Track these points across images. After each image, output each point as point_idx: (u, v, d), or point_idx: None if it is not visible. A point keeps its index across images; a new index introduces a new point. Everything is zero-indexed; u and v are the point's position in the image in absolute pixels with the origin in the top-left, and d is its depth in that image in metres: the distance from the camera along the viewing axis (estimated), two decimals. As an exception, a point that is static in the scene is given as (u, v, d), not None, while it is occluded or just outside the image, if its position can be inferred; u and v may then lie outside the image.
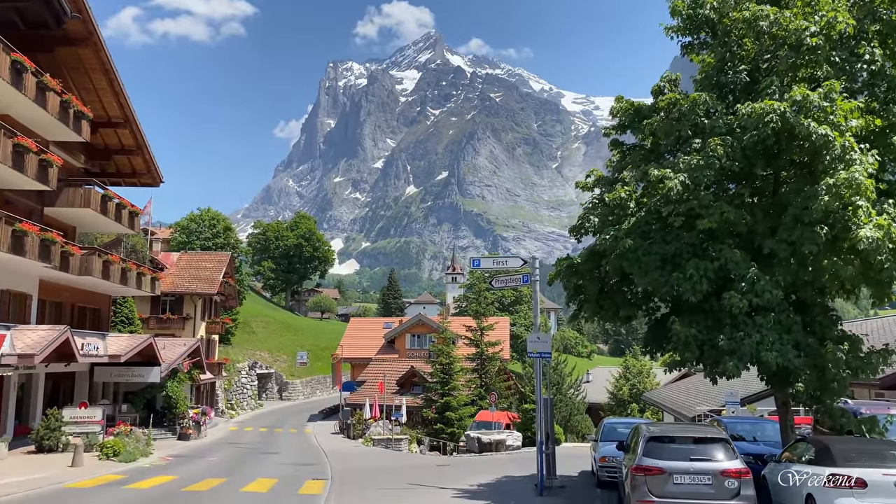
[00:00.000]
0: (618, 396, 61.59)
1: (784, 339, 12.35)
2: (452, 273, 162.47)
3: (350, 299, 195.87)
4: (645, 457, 11.21)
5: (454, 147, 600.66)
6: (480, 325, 45.49)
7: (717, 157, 12.58)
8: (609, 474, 15.90)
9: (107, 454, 22.46)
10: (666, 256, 13.38)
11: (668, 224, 13.54)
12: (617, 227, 14.09)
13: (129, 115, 31.49)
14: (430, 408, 41.94)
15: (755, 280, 12.44)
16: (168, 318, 47.26)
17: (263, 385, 70.69)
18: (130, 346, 31.12)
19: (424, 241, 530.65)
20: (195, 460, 24.52)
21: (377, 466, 23.72)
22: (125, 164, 34.59)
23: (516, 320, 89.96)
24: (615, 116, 15.59)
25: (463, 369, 43.80)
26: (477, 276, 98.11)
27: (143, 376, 34.10)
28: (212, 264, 50.63)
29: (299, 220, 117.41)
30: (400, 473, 21.19)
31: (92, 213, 29.43)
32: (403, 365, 50.52)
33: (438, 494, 15.94)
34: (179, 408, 36.46)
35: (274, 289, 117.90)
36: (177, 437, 36.14)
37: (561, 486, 15.87)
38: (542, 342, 15.62)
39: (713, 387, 37.67)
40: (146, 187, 36.37)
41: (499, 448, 27.14)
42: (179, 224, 78.51)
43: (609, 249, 14.03)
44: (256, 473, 20.00)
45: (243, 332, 78.77)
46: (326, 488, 16.83)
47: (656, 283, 13.26)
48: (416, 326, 59.40)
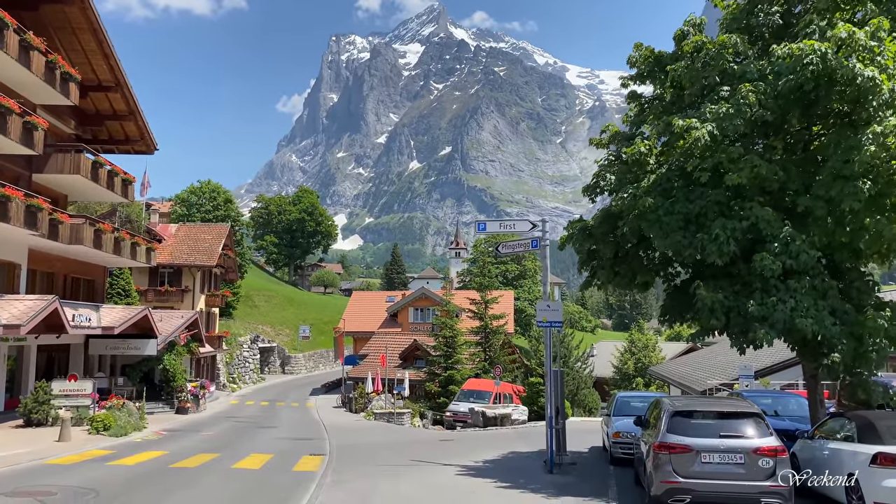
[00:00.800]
0: (623, 370, 61.08)
1: (819, 306, 11.27)
2: (456, 248, 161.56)
3: (353, 274, 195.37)
4: (669, 433, 10.13)
5: (458, 122, 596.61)
6: (485, 298, 44.52)
7: (749, 105, 11.41)
8: (623, 451, 14.95)
9: (97, 428, 21.60)
10: (689, 216, 12.27)
11: (693, 181, 12.41)
12: (636, 186, 12.96)
13: (120, 78, 30.27)
14: (434, 381, 41.15)
15: (789, 240, 11.33)
16: (166, 291, 46.40)
17: (265, 359, 70.18)
18: (125, 317, 30.23)
19: (428, 216, 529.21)
20: (190, 435, 23.69)
21: (378, 441, 22.84)
22: (118, 131, 33.42)
23: (520, 294, 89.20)
24: (633, 66, 14.34)
25: (467, 342, 42.92)
26: (481, 251, 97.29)
27: (140, 349, 33.30)
28: (211, 236, 49.63)
29: (302, 194, 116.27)
30: (401, 449, 20.31)
31: (82, 181, 28.34)
32: (406, 339, 49.70)
33: (442, 472, 15.03)
34: (177, 381, 35.67)
35: (277, 263, 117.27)
36: (174, 410, 35.42)
37: (572, 463, 14.93)
38: (552, 311, 14.56)
39: (721, 360, 36.79)
40: (140, 154, 35.24)
41: (504, 422, 26.22)
42: (179, 196, 77.44)
43: (627, 209, 12.91)
44: (251, 449, 19.12)
45: (245, 306, 78.14)
46: (323, 465, 15.92)
47: (678, 245, 12.15)
48: (419, 300, 58.52)
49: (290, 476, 14.33)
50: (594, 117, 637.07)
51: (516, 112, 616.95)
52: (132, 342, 33.13)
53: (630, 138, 14.24)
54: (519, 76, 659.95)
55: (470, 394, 35.40)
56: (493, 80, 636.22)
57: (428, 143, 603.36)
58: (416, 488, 13.05)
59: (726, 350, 38.60)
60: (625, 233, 13.18)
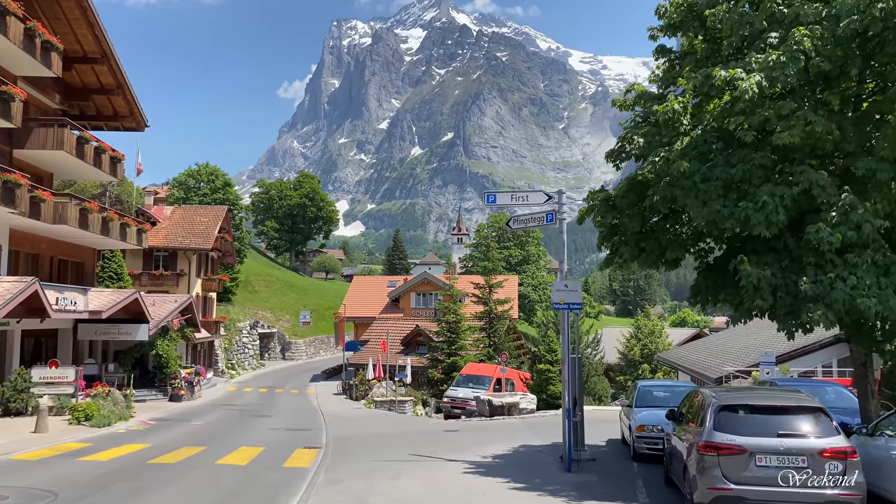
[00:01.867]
0: (629, 357, 59.87)
1: (882, 283, 9.80)
2: (458, 234, 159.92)
3: (355, 261, 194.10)
4: (717, 431, 8.63)
5: (460, 107, 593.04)
6: (489, 282, 43.07)
7: (803, 52, 9.88)
8: (649, 446, 13.51)
9: (77, 418, 20.23)
10: (730, 182, 10.77)
11: (735, 142, 10.90)
12: (668, 148, 11.45)
13: (106, 49, 28.68)
14: (436, 368, 39.80)
15: (849, 209, 9.83)
16: (161, 275, 44.98)
17: (265, 345, 69.01)
18: (113, 301, 28.82)
19: (430, 202, 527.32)
20: (179, 425, 22.34)
21: (378, 432, 21.45)
22: (106, 106, 31.88)
23: (524, 280, 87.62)
24: (662, 17, 12.74)
25: (471, 328, 41.53)
26: (484, 235, 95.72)
27: (131, 334, 31.96)
28: (207, 218, 48.16)
29: (303, 179, 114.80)
30: (403, 441, 18.91)
31: (66, 157, 26.83)
32: (408, 324, 48.35)
33: (446, 469, 13.61)
34: (170, 368, 34.36)
35: (278, 249, 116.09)
36: (168, 398, 34.16)
37: (591, 460, 13.53)
38: (570, 291, 13.09)
39: (735, 346, 35.21)
40: (131, 131, 33.69)
41: (511, 411, 24.79)
42: (177, 180, 75.92)
43: (659, 175, 11.40)
44: (242, 441, 17.74)
45: (245, 291, 76.94)
46: (317, 460, 14.53)
47: (717, 215, 10.65)
48: (421, 285, 57.11)
49: (280, 474, 12.92)
50: (597, 103, 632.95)
51: (519, 98, 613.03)
52: (123, 327, 31.78)
53: (659, 98, 12.70)
54: (521, 61, 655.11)
55: (469, 379, 34.04)
56: (496, 66, 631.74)
57: (430, 128, 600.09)
58: (419, 489, 11.63)
59: (738, 336, 37.22)
60: (654, 202, 11.66)
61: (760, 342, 31.34)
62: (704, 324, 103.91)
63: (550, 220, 13.94)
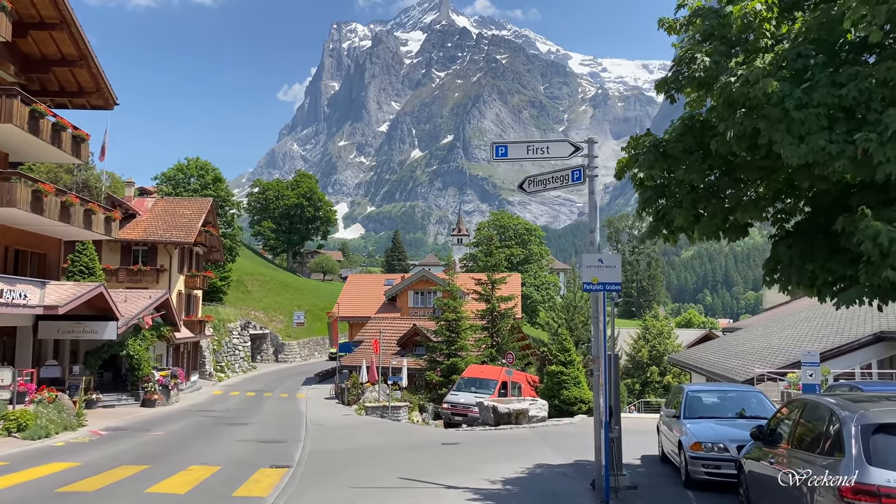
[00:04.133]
0: (636, 359, 57.02)
1: None
2: (458, 234, 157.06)
3: (355, 263, 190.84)
4: (873, 465, 5.59)
5: (459, 110, 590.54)
6: (491, 278, 39.93)
7: None
8: (709, 470, 10.35)
9: (8, 429, 17.13)
10: (837, 107, 7.74)
11: (844, 53, 7.86)
12: (746, 65, 8.39)
13: (65, 14, 25.57)
14: (435, 370, 36.66)
15: None
16: (139, 270, 41.84)
17: (258, 346, 65.91)
18: (74, 295, 25.75)
19: (430, 205, 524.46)
20: (135, 435, 19.23)
21: (365, 445, 18.29)
22: (69, 80, 28.76)
23: (526, 280, 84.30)
24: None
25: (472, 327, 38.40)
26: (485, 234, 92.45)
27: (97, 332, 28.96)
28: (190, 210, 45.07)
29: (300, 178, 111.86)
30: (392, 457, 15.75)
31: (17, 132, 23.65)
32: (405, 323, 45.19)
33: (444, 500, 10.49)
34: (143, 370, 31.29)
35: (275, 250, 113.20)
36: (140, 403, 31.08)
37: (632, 487, 10.42)
38: (606, 267, 9.95)
39: (757, 346, 31.64)
40: (99, 110, 30.52)
41: (519, 419, 21.51)
42: (165, 175, 72.67)
43: (733, 103, 8.32)
44: (195, 458, 14.62)
45: (237, 291, 73.91)
46: (280, 485, 11.43)
47: (821, 154, 7.59)
48: (419, 283, 53.95)
49: (226, 505, 9.84)
50: (597, 105, 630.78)
51: (518, 100, 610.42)
52: (88, 325, 28.77)
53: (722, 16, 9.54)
54: (521, 64, 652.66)
55: (471, 382, 30.87)
56: (496, 68, 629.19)
57: (430, 131, 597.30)
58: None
59: (756, 336, 33.88)
60: (728, 141, 8.55)
61: (784, 342, 28.14)
62: (711, 325, 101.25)
63: (577, 177, 10.83)
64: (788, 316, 35.57)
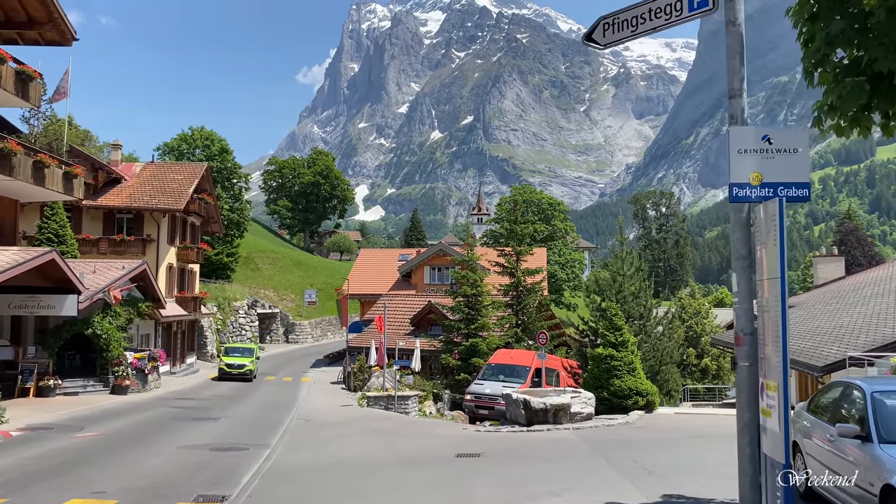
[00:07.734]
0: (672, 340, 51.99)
1: None
2: (478, 214, 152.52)
3: (374, 244, 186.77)
4: None
5: (479, 91, 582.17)
6: (516, 249, 35.06)
7: None
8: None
9: None
10: None
11: None
12: None
13: (-1, -81, 21.06)
14: (452, 353, 31.99)
15: None
16: (122, 240, 37.48)
17: (267, 326, 61.86)
18: (14, 262, 21.30)
19: (449, 186, 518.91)
20: (53, 439, 14.73)
21: (351, 458, 13.36)
22: (14, 9, 24.08)
23: (550, 257, 79.05)
24: None
25: (494, 303, 33.62)
26: (506, 209, 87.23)
27: (55, 308, 24.69)
28: (181, 175, 40.60)
29: (316, 156, 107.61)
30: (383, 481, 10.85)
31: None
32: (419, 301, 40.58)
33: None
34: (111, 351, 26.94)
35: (292, 229, 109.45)
36: (110, 389, 26.80)
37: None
38: (778, 154, 5.07)
39: (823, 325, 26.02)
40: (55, 46, 25.93)
41: (559, 417, 16.38)
42: (168, 145, 68.43)
43: None
44: (94, 482, 10.01)
45: (245, 269, 69.94)
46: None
47: None
48: (435, 257, 49.35)
49: None
50: (618, 84, 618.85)
51: (539, 80, 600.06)
52: (43, 299, 24.51)
53: None
54: (542, 43, 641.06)
55: (500, 370, 26.08)
56: (516, 48, 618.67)
57: (449, 112, 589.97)
58: None
59: (817, 315, 28.59)
60: None
61: (859, 321, 22.80)
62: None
63: (704, 2, 5.98)
64: (850, 292, 30.18)
